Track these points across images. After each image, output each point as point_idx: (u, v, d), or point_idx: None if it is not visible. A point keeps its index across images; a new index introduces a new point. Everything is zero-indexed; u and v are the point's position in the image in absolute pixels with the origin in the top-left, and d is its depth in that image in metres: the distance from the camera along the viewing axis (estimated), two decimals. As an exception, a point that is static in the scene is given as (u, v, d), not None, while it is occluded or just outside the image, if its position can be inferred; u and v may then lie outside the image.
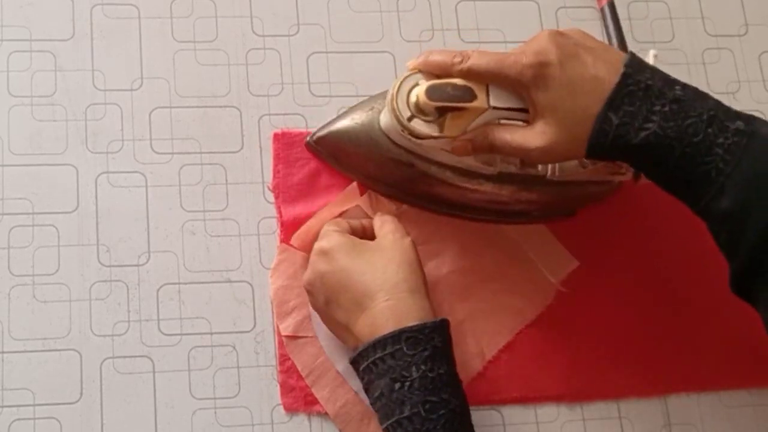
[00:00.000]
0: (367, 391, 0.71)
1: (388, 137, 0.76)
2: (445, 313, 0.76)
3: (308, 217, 0.79)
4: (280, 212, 0.80)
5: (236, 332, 0.77)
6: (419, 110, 0.71)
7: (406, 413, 0.67)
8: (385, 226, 0.75)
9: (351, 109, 0.79)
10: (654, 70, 0.67)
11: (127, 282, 0.77)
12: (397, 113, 0.71)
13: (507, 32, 0.87)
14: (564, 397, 0.80)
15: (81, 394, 0.75)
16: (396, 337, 0.68)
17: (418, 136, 0.72)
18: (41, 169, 0.78)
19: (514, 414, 0.79)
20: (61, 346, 0.75)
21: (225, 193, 0.80)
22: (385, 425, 0.68)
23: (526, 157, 0.70)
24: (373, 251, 0.73)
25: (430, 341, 0.68)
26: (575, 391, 0.80)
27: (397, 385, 0.67)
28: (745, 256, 0.62)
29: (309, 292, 0.75)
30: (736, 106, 0.63)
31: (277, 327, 0.77)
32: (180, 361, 0.76)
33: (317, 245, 0.75)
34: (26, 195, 0.78)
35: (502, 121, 0.71)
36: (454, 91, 0.70)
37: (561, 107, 0.66)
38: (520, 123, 0.70)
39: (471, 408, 0.70)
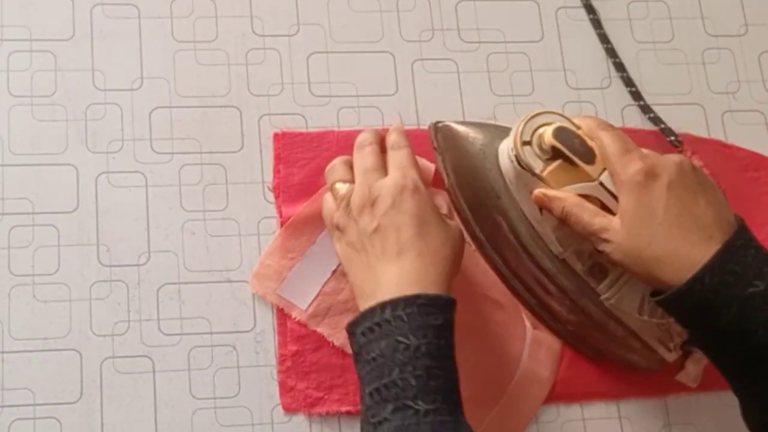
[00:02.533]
0: (357, 355, 0.67)
1: (498, 159, 0.75)
2: None
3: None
4: (280, 212, 0.80)
5: (236, 332, 0.77)
6: (538, 143, 0.71)
7: (406, 375, 0.63)
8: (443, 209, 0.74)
9: (485, 123, 0.79)
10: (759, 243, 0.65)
11: (127, 282, 0.77)
12: (518, 134, 0.71)
13: (507, 32, 0.87)
14: (564, 397, 0.80)
15: (81, 394, 0.75)
16: (411, 299, 0.66)
17: (520, 162, 0.71)
18: (41, 169, 0.78)
19: (514, 414, 0.79)
20: (61, 346, 0.75)
21: (225, 193, 0.80)
22: (374, 386, 0.64)
23: (596, 241, 0.68)
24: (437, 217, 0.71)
25: (442, 313, 0.66)
26: (575, 391, 0.80)
27: (402, 347, 0.64)
28: None
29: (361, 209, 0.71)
30: (736, 106, 0.64)
31: (277, 326, 0.78)
32: (180, 361, 0.76)
33: (401, 183, 0.71)
34: (26, 195, 0.78)
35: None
36: (578, 145, 0.70)
37: (641, 223, 0.65)
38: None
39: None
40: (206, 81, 0.82)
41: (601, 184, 0.69)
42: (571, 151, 0.70)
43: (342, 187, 0.73)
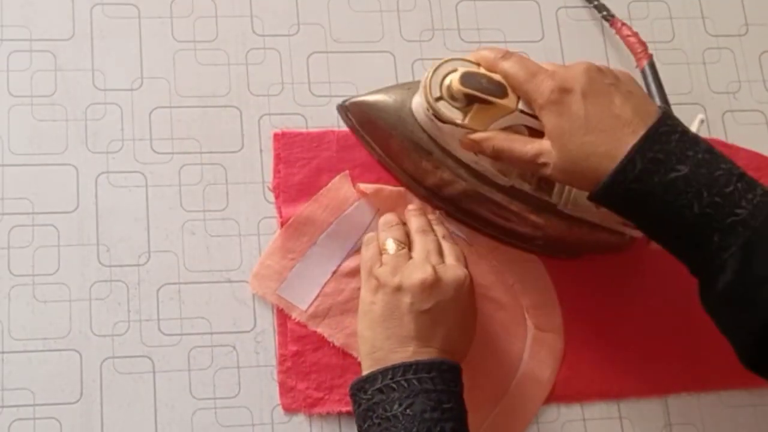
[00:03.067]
0: (368, 411, 0.69)
1: (416, 118, 0.75)
2: None
3: (308, 217, 0.79)
4: (280, 212, 0.80)
5: (236, 332, 0.77)
6: (450, 94, 0.72)
7: None
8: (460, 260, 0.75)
9: (389, 87, 0.79)
10: (686, 129, 0.66)
11: (127, 282, 0.77)
12: (427, 91, 0.72)
13: (507, 32, 0.87)
14: (564, 397, 0.80)
15: (81, 394, 0.75)
16: (435, 364, 0.69)
17: (440, 118, 0.72)
18: (41, 169, 0.78)
19: (514, 414, 0.79)
20: (61, 346, 0.75)
21: (225, 193, 0.80)
22: None
23: (528, 170, 0.70)
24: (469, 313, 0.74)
25: (459, 380, 0.70)
26: (575, 391, 0.80)
27: (430, 407, 0.67)
28: (761, 320, 0.61)
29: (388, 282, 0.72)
30: (737, 106, 0.64)
31: (278, 326, 0.78)
32: (180, 361, 0.76)
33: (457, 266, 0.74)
34: (26, 195, 0.78)
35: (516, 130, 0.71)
36: (487, 83, 0.71)
37: (569, 138, 0.66)
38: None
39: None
40: (206, 81, 0.82)
41: (522, 111, 0.70)
42: (483, 93, 0.70)
43: (392, 248, 0.74)
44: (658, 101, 0.81)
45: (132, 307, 0.77)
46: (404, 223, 0.77)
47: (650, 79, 0.83)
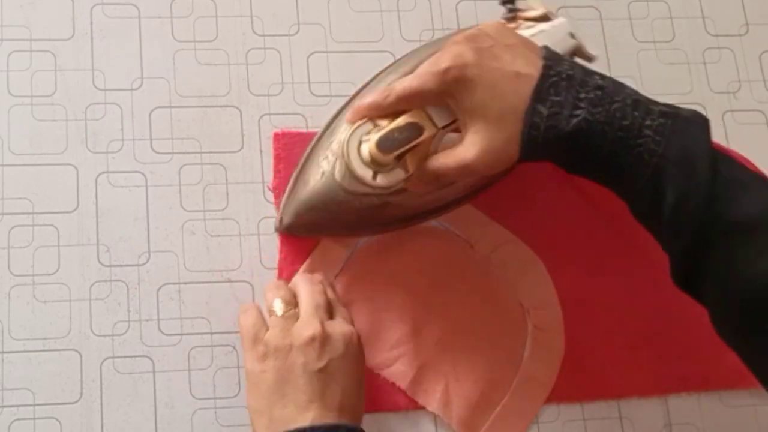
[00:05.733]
0: None
1: (357, 193, 0.73)
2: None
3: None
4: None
5: (236, 332, 0.77)
6: (378, 164, 0.70)
7: None
8: (339, 316, 0.73)
9: (300, 181, 0.76)
10: (571, 62, 0.67)
11: (127, 282, 0.77)
12: (361, 177, 0.71)
13: (507, 32, 0.86)
14: (564, 397, 0.80)
15: (81, 394, 0.75)
16: (333, 428, 0.67)
17: (390, 188, 0.71)
18: (41, 169, 0.78)
19: (514, 414, 0.79)
20: (61, 346, 0.75)
21: (225, 193, 0.80)
22: None
23: (471, 173, 0.68)
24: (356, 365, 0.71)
25: None
26: (575, 391, 0.80)
27: None
28: (688, 239, 0.62)
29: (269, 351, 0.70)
30: (737, 106, 0.64)
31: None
32: (180, 361, 0.76)
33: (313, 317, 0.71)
34: (26, 195, 0.78)
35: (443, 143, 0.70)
36: (401, 134, 0.69)
37: (488, 109, 0.66)
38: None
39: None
40: (206, 81, 0.82)
41: (443, 127, 0.70)
42: (404, 144, 0.69)
43: (280, 308, 0.72)
44: None
45: (132, 307, 0.77)
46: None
47: None
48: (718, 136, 0.86)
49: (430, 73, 0.68)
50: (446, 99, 0.68)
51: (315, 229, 0.77)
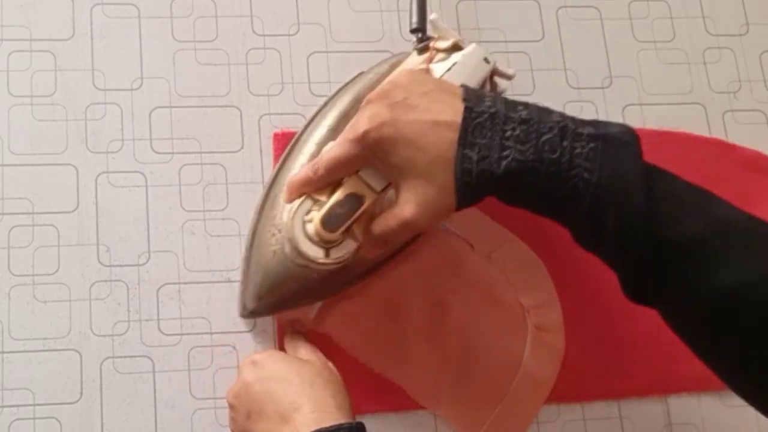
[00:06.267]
0: None
1: (314, 266, 0.71)
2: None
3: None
4: (280, 212, 0.80)
5: (236, 332, 0.77)
6: (327, 242, 0.69)
7: None
8: (300, 350, 0.74)
9: (253, 262, 0.75)
10: (493, 97, 0.65)
11: (127, 282, 0.77)
12: (313, 258, 0.69)
13: (507, 32, 0.86)
14: (564, 397, 0.80)
15: (81, 394, 0.75)
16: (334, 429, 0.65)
17: (344, 260, 0.70)
18: (41, 169, 0.78)
19: (514, 414, 0.79)
20: (61, 346, 0.75)
21: (225, 193, 0.80)
22: None
23: (415, 229, 0.66)
24: (302, 363, 0.71)
25: None
26: (575, 391, 0.80)
27: None
28: (634, 263, 0.62)
29: (231, 406, 0.72)
30: (737, 106, 0.64)
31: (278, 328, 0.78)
32: (180, 361, 0.76)
33: (248, 358, 0.73)
34: (26, 195, 0.78)
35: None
36: (342, 208, 0.68)
37: (415, 163, 0.64)
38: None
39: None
40: (206, 81, 0.82)
41: (381, 191, 0.68)
42: (348, 218, 0.68)
43: None
44: (414, 6, 0.79)
45: (132, 307, 0.77)
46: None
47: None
48: (718, 136, 0.86)
49: (350, 140, 0.66)
50: (373, 161, 0.67)
51: (281, 306, 0.76)
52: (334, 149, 0.68)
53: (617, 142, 0.62)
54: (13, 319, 0.75)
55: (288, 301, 0.75)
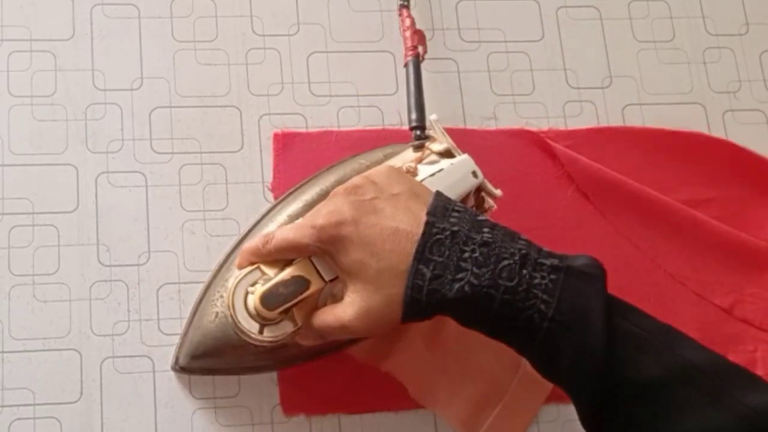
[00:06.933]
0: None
1: (247, 339, 0.68)
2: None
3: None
4: (280, 212, 0.80)
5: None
6: (264, 318, 0.66)
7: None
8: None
9: (196, 318, 0.74)
10: (461, 213, 0.63)
11: (127, 282, 0.77)
12: (246, 331, 0.67)
13: (507, 32, 0.87)
14: (564, 397, 0.79)
15: (81, 394, 0.75)
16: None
17: (278, 341, 0.67)
18: (41, 169, 0.78)
19: (514, 414, 0.79)
20: (61, 346, 0.75)
21: (225, 193, 0.80)
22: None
23: (351, 333, 0.64)
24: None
25: None
26: (575, 391, 0.80)
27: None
28: (590, 401, 0.60)
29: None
30: (737, 106, 0.63)
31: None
32: (180, 361, 0.76)
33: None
34: (26, 195, 0.78)
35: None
36: (286, 288, 0.66)
37: (366, 268, 0.62)
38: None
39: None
40: (206, 81, 0.82)
41: (330, 280, 0.66)
42: (289, 300, 0.66)
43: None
44: (413, 103, 0.77)
45: (132, 307, 0.77)
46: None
47: (410, 77, 0.78)
48: (718, 136, 0.86)
49: (307, 227, 0.64)
50: (324, 255, 0.65)
51: (212, 371, 0.75)
52: (290, 230, 0.66)
53: (580, 275, 0.60)
54: (13, 318, 0.75)
55: (221, 369, 0.74)
